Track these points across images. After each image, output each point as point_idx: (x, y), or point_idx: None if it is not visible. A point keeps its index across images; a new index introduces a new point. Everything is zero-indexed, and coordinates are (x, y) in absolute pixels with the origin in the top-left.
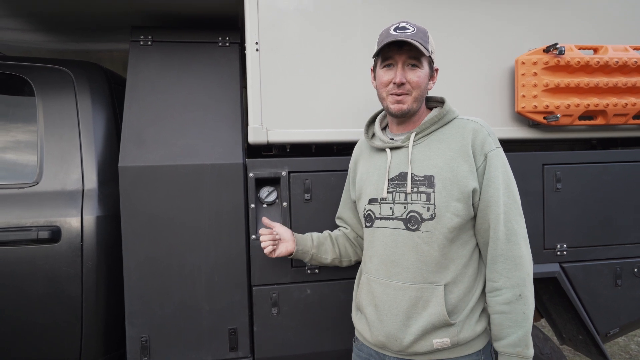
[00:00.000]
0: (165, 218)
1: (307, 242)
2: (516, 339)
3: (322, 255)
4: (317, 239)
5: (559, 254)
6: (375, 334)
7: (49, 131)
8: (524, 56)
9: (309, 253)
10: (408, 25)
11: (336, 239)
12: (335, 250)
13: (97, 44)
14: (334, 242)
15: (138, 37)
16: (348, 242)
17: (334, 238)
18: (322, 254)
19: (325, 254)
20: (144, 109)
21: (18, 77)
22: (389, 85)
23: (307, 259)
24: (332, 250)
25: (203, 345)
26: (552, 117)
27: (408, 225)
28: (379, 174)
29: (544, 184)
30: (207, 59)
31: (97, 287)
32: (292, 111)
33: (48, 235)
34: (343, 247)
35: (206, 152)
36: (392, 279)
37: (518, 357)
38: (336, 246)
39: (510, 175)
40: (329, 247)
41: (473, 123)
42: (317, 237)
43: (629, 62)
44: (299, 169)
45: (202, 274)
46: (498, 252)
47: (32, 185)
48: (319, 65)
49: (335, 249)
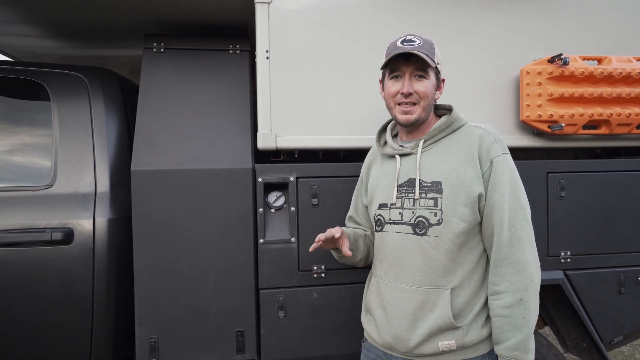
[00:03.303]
0: (175, 221)
1: (350, 237)
2: (515, 343)
3: (355, 252)
4: (353, 235)
5: (563, 261)
6: (383, 335)
7: (64, 135)
8: (528, 66)
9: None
10: (415, 37)
11: (365, 238)
12: (365, 249)
13: (108, 50)
14: (364, 241)
15: (151, 44)
16: (371, 243)
17: (364, 237)
18: (355, 252)
19: (356, 252)
20: (156, 114)
21: (34, 82)
22: (397, 96)
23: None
24: (363, 250)
25: (210, 347)
26: (556, 126)
27: (416, 230)
28: (389, 180)
29: (548, 192)
30: (218, 66)
31: (108, 289)
32: (301, 118)
33: (61, 236)
34: (369, 247)
35: (216, 157)
36: (400, 282)
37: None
38: (365, 245)
39: (518, 181)
40: (360, 246)
41: (480, 130)
42: (353, 234)
43: (633, 72)
44: (306, 174)
45: (211, 277)
46: (501, 256)
47: (46, 187)
48: (327, 73)
49: (365, 248)
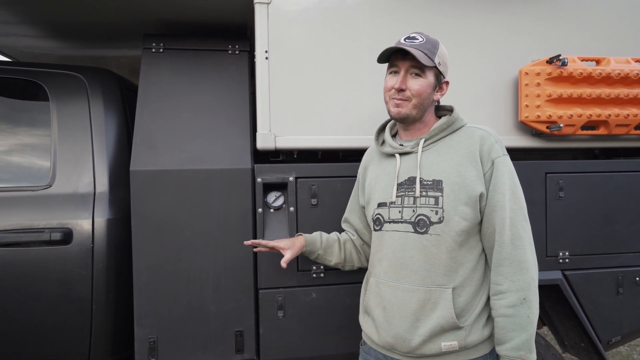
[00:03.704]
0: (175, 221)
1: (316, 243)
2: (519, 343)
3: (328, 257)
4: (325, 241)
5: (561, 261)
6: (383, 335)
7: (63, 135)
8: (527, 67)
9: (315, 253)
10: (418, 35)
11: (344, 243)
12: (340, 254)
13: (107, 50)
14: (341, 246)
15: (150, 44)
16: (354, 249)
17: (342, 242)
18: (328, 256)
19: (330, 256)
20: (155, 114)
21: (33, 82)
22: (391, 91)
23: (312, 257)
24: (338, 255)
25: (210, 347)
26: (554, 126)
27: (417, 229)
28: (388, 179)
29: (547, 192)
30: (217, 67)
31: (107, 289)
32: (300, 118)
33: (60, 236)
34: (349, 253)
35: (215, 157)
36: (400, 282)
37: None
38: (342, 251)
39: (516, 181)
40: (335, 251)
41: (481, 131)
42: (327, 240)
43: (631, 74)
44: (305, 174)
45: (210, 276)
46: (503, 255)
47: (45, 188)
48: (327, 73)
49: (341, 253)
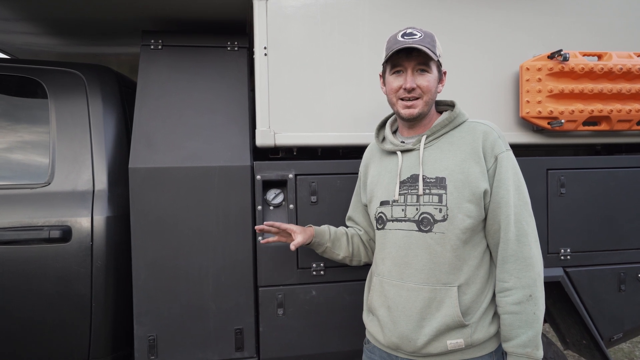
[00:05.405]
0: (174, 219)
1: (325, 235)
2: (526, 340)
3: (336, 250)
4: (334, 234)
5: (563, 258)
6: (389, 335)
7: (61, 133)
8: (528, 62)
9: (324, 246)
10: (415, 31)
11: (352, 237)
12: (348, 248)
13: (106, 47)
14: (349, 240)
15: (149, 41)
16: (362, 243)
17: (349, 236)
18: (336, 250)
19: (338, 250)
20: (154, 111)
21: (31, 79)
22: (400, 91)
23: (319, 251)
24: (346, 248)
25: (209, 345)
26: (556, 122)
27: (420, 227)
28: (390, 177)
29: (548, 188)
30: (216, 63)
31: (107, 286)
32: (299, 115)
33: (59, 234)
34: (356, 247)
35: (214, 155)
36: (405, 281)
37: (527, 357)
38: (350, 245)
39: (520, 177)
40: (343, 244)
41: (483, 126)
42: (335, 233)
43: (633, 68)
44: (305, 171)
45: (209, 274)
46: (509, 252)
47: (44, 185)
48: (326, 70)
49: (349, 247)
